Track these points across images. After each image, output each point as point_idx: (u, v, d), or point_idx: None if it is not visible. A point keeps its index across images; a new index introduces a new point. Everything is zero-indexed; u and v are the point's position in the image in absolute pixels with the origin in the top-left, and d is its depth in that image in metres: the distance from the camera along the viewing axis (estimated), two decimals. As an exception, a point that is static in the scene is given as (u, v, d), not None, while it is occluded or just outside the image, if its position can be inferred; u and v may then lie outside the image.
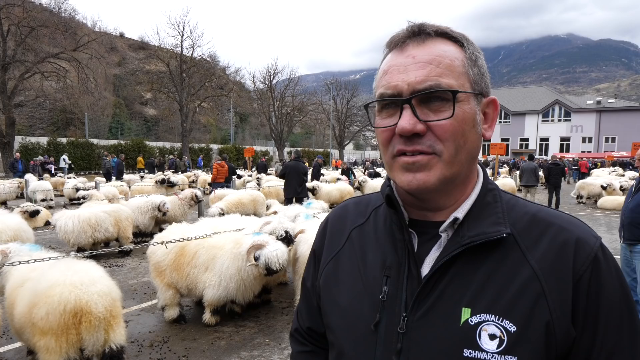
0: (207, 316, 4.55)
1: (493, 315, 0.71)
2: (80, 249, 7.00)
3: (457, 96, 0.74)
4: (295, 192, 9.92)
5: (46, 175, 18.95)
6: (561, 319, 0.70)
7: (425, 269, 0.79)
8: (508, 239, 0.76)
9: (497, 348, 0.70)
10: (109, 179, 17.83)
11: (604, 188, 14.85)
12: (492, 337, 0.71)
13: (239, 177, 17.30)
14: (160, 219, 8.68)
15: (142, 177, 18.70)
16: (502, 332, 0.70)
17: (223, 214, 8.69)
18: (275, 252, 3.99)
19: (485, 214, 0.79)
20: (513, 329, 0.70)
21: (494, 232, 0.76)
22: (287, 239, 4.59)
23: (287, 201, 9.87)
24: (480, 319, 0.72)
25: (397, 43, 0.80)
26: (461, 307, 0.73)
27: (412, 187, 0.77)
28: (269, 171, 22.76)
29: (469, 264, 0.76)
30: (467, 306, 0.73)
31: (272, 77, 45.43)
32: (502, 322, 0.71)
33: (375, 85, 0.83)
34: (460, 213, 0.79)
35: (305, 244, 4.63)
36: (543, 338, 0.69)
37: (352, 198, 1.05)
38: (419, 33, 0.79)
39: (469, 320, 0.72)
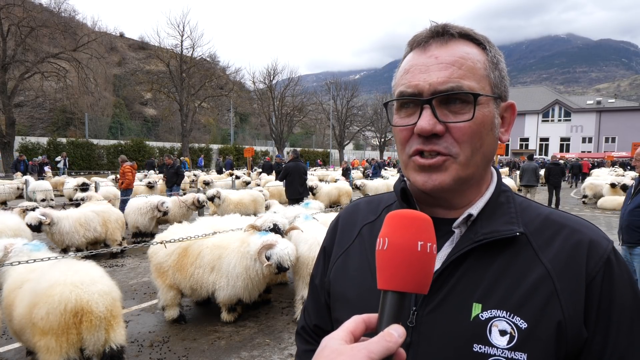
0: (224, 315, 4.72)
1: (504, 311, 0.72)
2: (78, 250, 6.99)
3: (477, 99, 0.75)
4: (298, 192, 9.89)
5: (48, 174, 18.90)
6: (573, 318, 0.70)
7: (437, 264, 0.78)
8: (521, 238, 0.77)
9: (507, 344, 0.70)
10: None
11: (613, 186, 14.46)
12: (502, 332, 0.71)
13: (237, 177, 17.28)
14: (162, 219, 8.68)
15: (145, 175, 18.65)
16: (512, 328, 0.70)
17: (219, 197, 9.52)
18: (286, 249, 4.10)
19: (499, 213, 0.80)
20: (524, 325, 0.70)
21: (507, 230, 0.76)
22: (275, 231, 4.68)
23: (291, 202, 9.80)
24: (491, 314, 0.72)
25: (420, 42, 0.80)
26: (472, 302, 0.74)
27: (427, 187, 0.78)
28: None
29: (480, 261, 0.76)
30: (478, 302, 0.73)
31: (272, 77, 45.34)
32: (513, 318, 0.71)
33: (395, 83, 0.83)
34: (474, 210, 0.80)
35: (305, 244, 4.63)
36: (554, 336, 0.70)
37: (363, 197, 1.06)
38: (442, 33, 0.79)
39: (480, 316, 0.72)
